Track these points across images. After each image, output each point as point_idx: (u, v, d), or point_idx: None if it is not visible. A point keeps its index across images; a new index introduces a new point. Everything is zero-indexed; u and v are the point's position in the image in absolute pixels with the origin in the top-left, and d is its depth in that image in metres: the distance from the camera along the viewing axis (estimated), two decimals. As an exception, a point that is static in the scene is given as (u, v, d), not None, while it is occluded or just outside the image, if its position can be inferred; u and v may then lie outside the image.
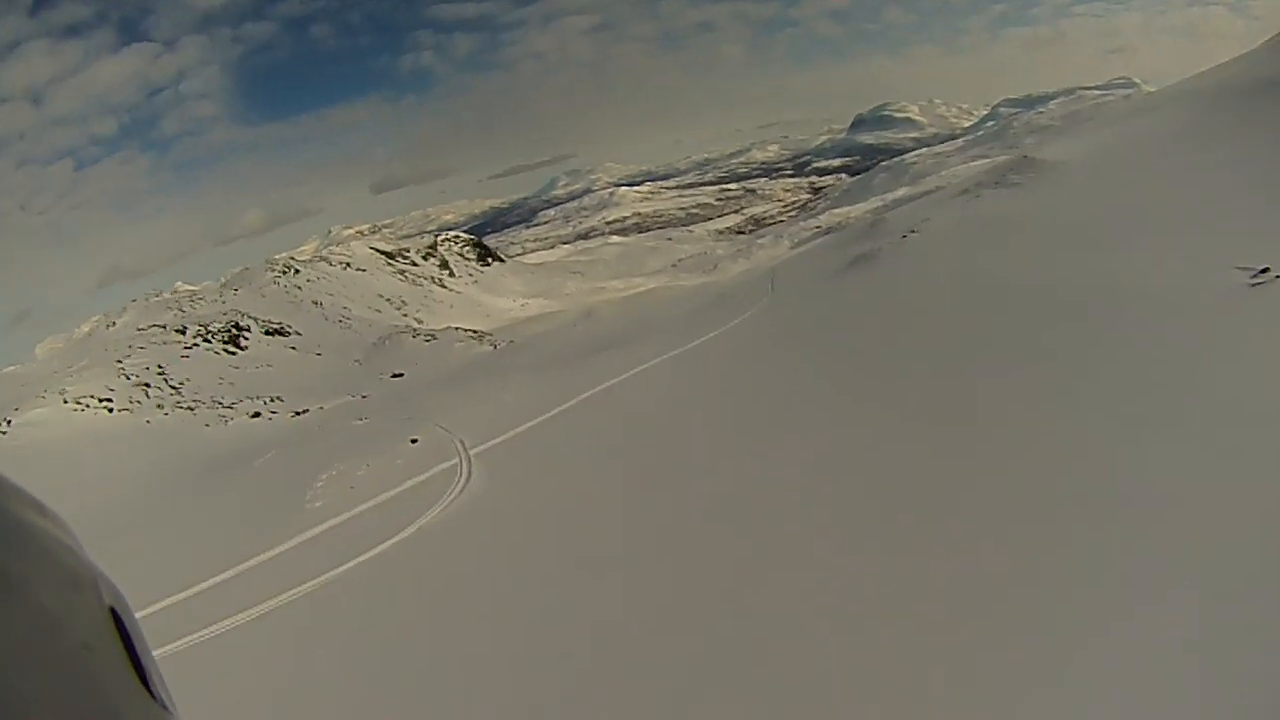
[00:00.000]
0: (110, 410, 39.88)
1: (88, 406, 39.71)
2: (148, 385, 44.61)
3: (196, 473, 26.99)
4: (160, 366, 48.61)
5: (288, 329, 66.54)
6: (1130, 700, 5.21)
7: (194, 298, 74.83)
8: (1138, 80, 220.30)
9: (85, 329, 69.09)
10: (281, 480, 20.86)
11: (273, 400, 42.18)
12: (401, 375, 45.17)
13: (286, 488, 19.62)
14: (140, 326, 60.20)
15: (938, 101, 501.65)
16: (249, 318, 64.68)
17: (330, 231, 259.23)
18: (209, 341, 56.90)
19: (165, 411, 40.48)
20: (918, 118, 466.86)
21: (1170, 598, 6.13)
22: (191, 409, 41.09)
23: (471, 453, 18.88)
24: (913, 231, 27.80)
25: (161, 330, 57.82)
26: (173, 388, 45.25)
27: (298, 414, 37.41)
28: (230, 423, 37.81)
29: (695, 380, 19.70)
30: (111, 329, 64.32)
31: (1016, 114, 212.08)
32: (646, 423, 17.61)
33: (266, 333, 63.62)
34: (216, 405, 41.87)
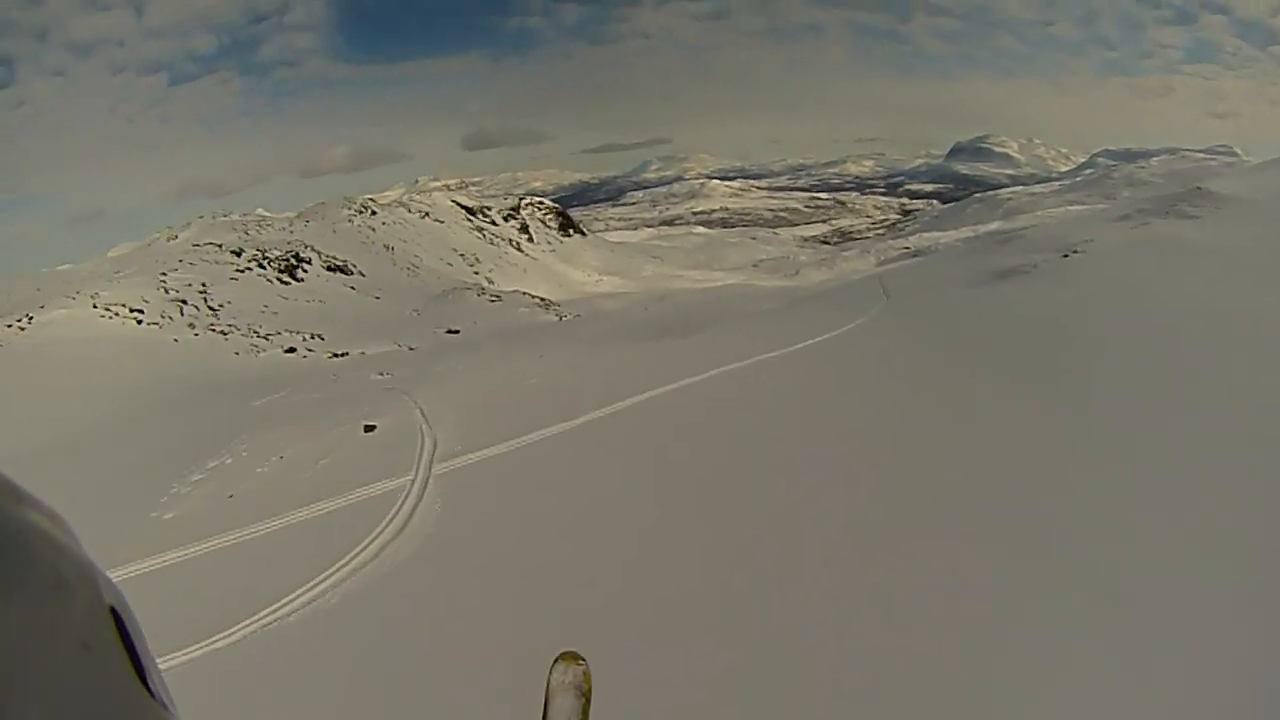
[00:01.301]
0: (139, 322, 37.56)
1: (117, 315, 37.47)
2: (184, 302, 42.42)
3: (187, 402, 23.71)
4: (204, 285, 46.53)
5: (351, 267, 64.59)
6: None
7: (262, 223, 73.21)
8: (1238, 150, 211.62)
9: (152, 238, 68.36)
10: (176, 451, 16.50)
11: (313, 337, 39.28)
12: (458, 332, 41.77)
13: (159, 472, 14.80)
14: (197, 243, 58.35)
15: (1037, 141, 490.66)
16: (312, 250, 62.72)
17: (417, 181, 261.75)
18: (263, 268, 54.95)
19: (196, 332, 37.99)
20: (1016, 154, 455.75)
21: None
22: (225, 333, 38.60)
23: (437, 470, 11.22)
24: (1075, 251, 24.66)
25: (217, 249, 56.05)
26: (211, 309, 42.96)
27: (336, 355, 34.24)
28: (262, 354, 34.99)
29: (813, 391, 13.53)
30: (174, 241, 62.95)
31: (1116, 165, 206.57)
32: (741, 458, 10.04)
33: (328, 268, 61.66)
34: (253, 333, 39.31)
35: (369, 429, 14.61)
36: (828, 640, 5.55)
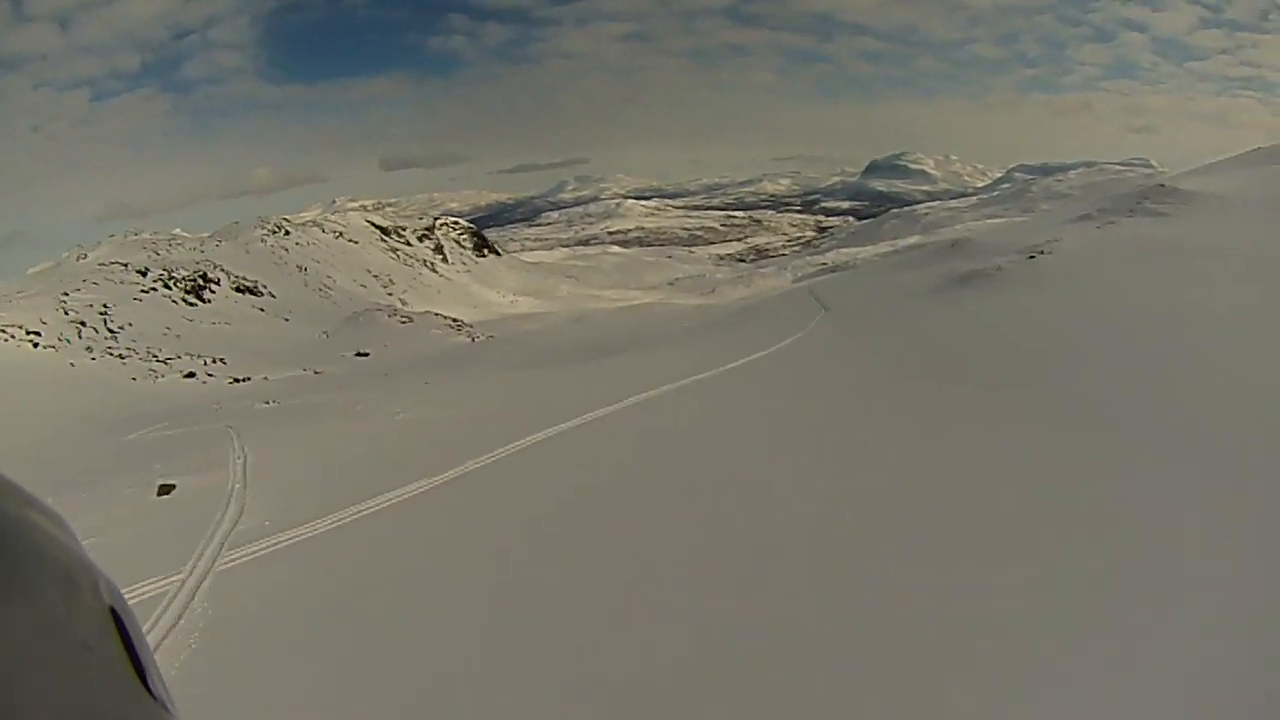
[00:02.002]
0: (36, 345, 36.10)
1: (12, 337, 35.91)
2: (83, 324, 40.90)
3: (55, 440, 22.37)
4: (106, 306, 44.86)
5: (262, 289, 63.19)
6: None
7: (173, 242, 71.14)
8: (1155, 163, 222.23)
9: (62, 257, 66.18)
10: None
11: (215, 361, 38.40)
12: (367, 355, 41.36)
13: None
14: (103, 262, 56.49)
15: (954, 158, 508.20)
16: (222, 270, 61.11)
17: (335, 202, 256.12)
18: (169, 288, 53.22)
19: (93, 356, 36.79)
20: (932, 171, 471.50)
21: None
22: (123, 357, 37.48)
23: (224, 563, 7.44)
24: (1041, 252, 24.36)
25: (123, 269, 54.19)
26: (110, 331, 41.58)
27: (236, 381, 33.60)
28: (160, 379, 34.10)
29: (755, 417, 11.74)
30: (82, 261, 60.79)
31: (1032, 179, 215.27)
32: (677, 538, 7.11)
33: (238, 289, 60.23)
34: (152, 357, 38.22)
35: (164, 490, 10.86)
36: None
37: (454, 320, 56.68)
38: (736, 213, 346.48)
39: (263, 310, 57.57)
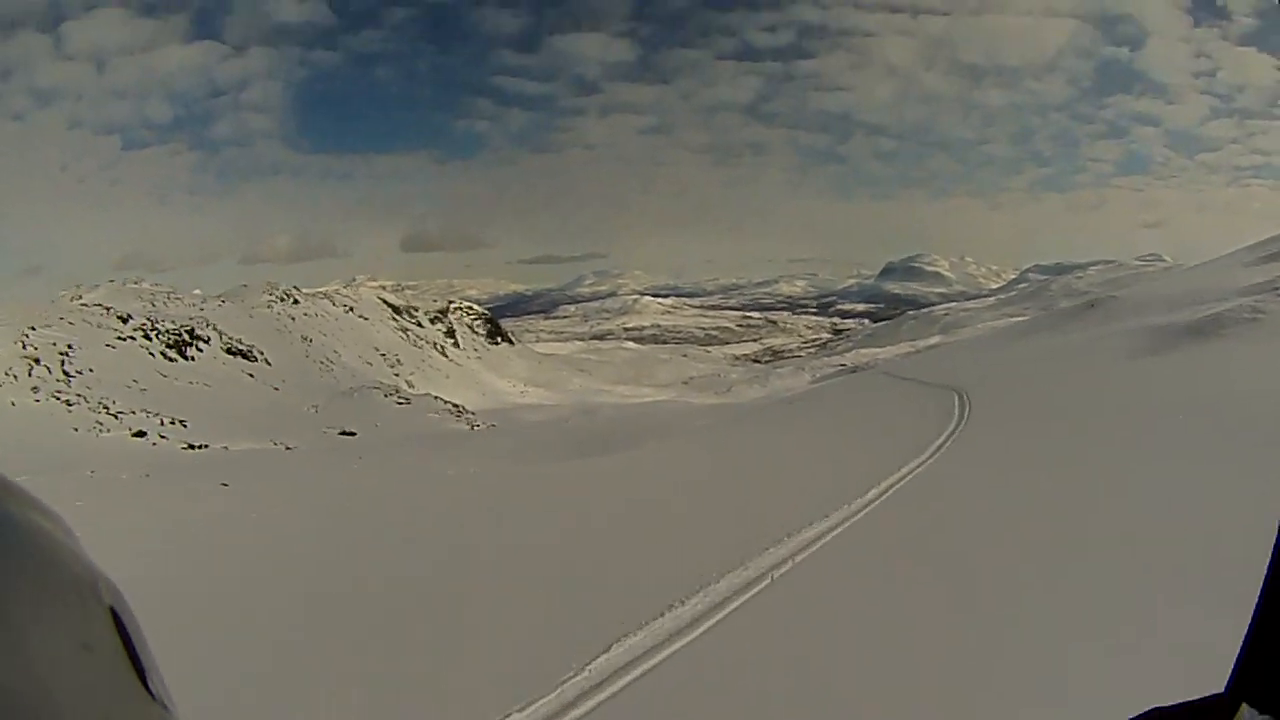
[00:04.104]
0: (-20, 377, 33.16)
1: (-40, 367, 33.04)
2: (37, 362, 37.99)
3: None
4: (70, 347, 41.94)
5: (257, 354, 60.72)
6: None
7: (172, 296, 69.06)
8: (1167, 257, 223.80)
9: (58, 294, 64.91)
10: None
11: (173, 423, 34.90)
12: (353, 434, 37.93)
13: None
14: (86, 303, 54.32)
15: (968, 259, 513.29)
16: (214, 330, 58.58)
17: (355, 279, 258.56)
18: (149, 339, 50.46)
19: (38, 397, 33.74)
20: (947, 273, 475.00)
21: None
22: (70, 403, 34.19)
23: None
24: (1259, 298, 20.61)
25: (104, 312, 51.63)
26: (66, 373, 38.58)
27: (191, 447, 29.98)
28: (104, 433, 30.59)
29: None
30: (76, 300, 58.94)
31: (1048, 280, 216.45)
32: None
33: (229, 351, 57.65)
34: (102, 408, 34.79)
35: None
36: None
37: (455, 405, 53.63)
38: (753, 313, 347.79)
39: (252, 376, 55.17)
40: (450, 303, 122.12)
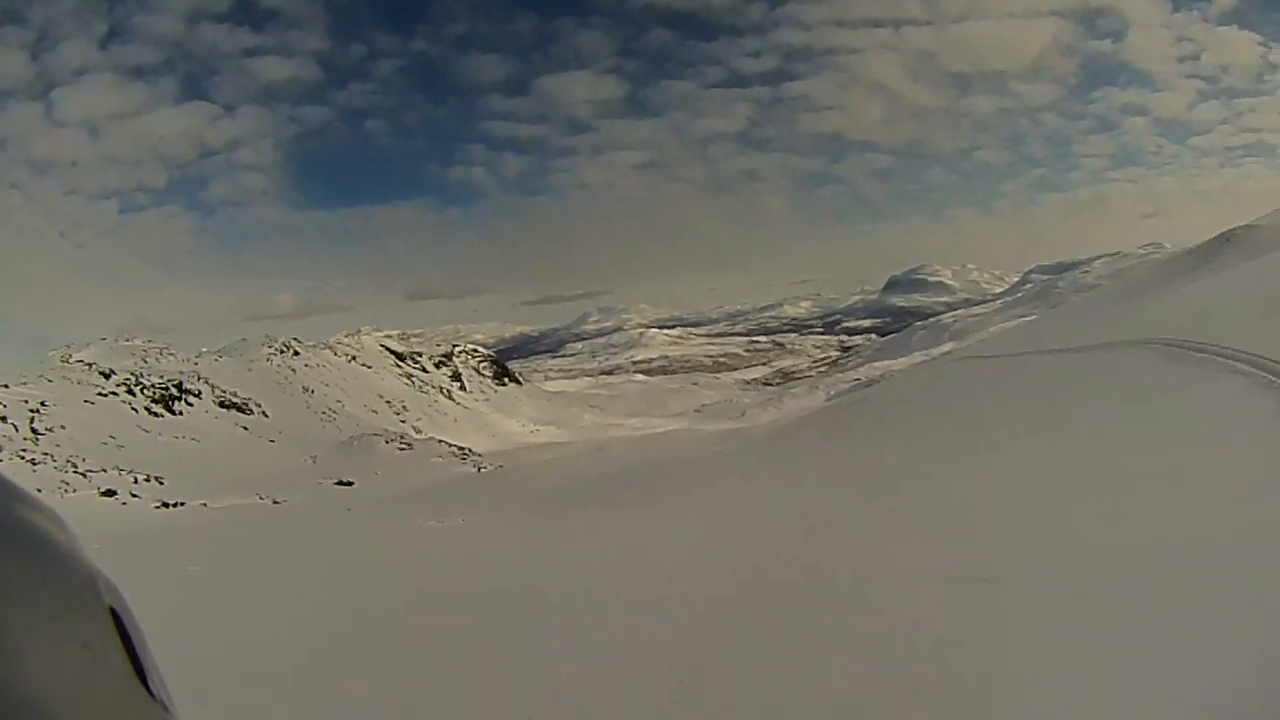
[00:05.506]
0: (-64, 436, 31.58)
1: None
2: (3, 420, 36.44)
3: None
4: (42, 404, 40.51)
5: (253, 406, 59.40)
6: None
7: (164, 351, 67.74)
8: (1167, 244, 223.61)
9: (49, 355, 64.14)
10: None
11: (150, 480, 33.05)
12: (351, 484, 36.06)
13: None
14: (73, 359, 53.13)
15: (970, 266, 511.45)
16: (204, 383, 57.10)
17: (360, 331, 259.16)
18: (133, 394, 48.96)
19: (0, 456, 31.92)
20: (950, 281, 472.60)
21: None
22: (35, 462, 32.28)
23: None
24: None
25: (85, 369, 50.31)
26: (34, 430, 36.86)
27: (166, 505, 27.90)
28: (70, 493, 28.47)
29: None
30: (66, 362, 57.75)
31: (1049, 280, 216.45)
32: None
33: (222, 405, 56.07)
34: (70, 467, 32.77)
35: None
36: None
37: (460, 448, 51.76)
38: (759, 337, 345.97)
39: (246, 429, 53.77)
40: (455, 346, 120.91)
